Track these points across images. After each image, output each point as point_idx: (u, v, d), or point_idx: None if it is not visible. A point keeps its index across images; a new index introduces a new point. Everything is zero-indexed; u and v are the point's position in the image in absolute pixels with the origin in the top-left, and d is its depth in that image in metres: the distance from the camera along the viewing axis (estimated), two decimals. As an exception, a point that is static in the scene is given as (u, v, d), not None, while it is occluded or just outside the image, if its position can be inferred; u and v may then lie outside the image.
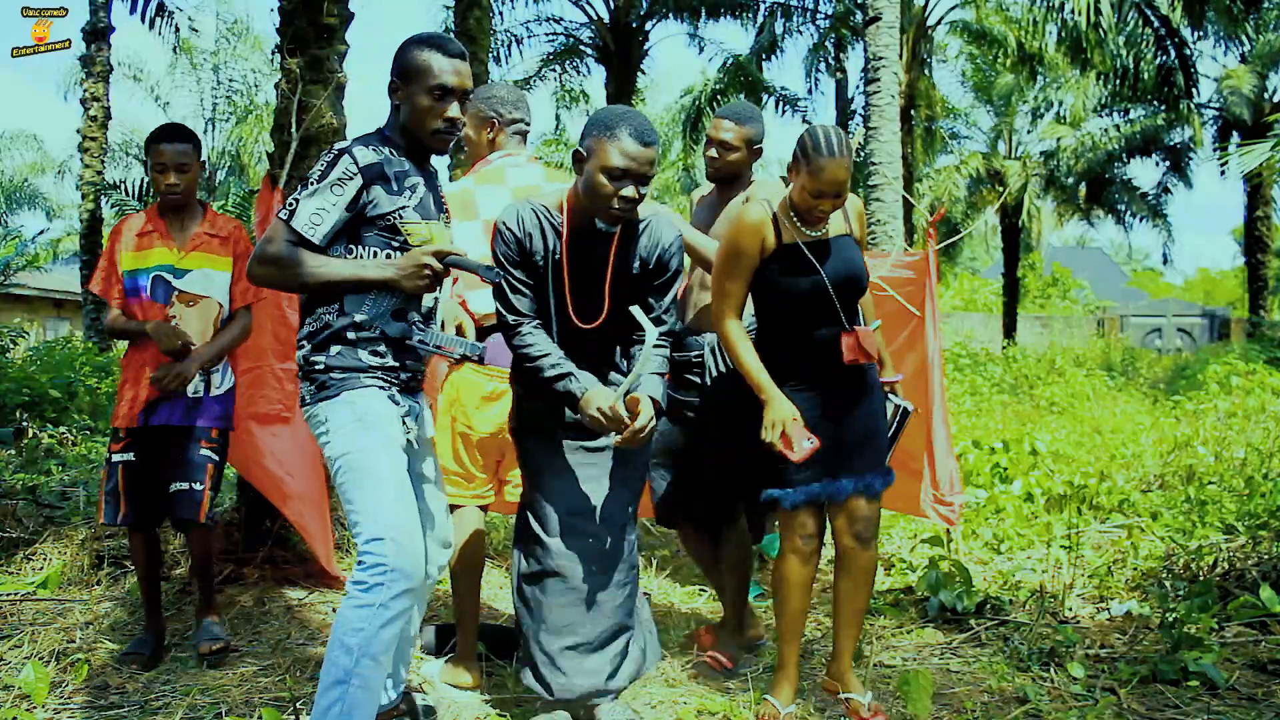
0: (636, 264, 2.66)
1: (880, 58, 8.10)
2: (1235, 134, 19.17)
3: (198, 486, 3.20)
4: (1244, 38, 17.06)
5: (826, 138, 2.63)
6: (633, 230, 2.66)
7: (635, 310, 2.55)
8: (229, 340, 3.30)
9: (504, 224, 2.59)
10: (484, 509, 3.10)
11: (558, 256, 2.62)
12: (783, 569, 2.79)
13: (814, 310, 2.75)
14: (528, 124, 3.24)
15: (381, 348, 2.34)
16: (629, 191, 2.49)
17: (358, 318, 2.32)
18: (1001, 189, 20.68)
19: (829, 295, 2.72)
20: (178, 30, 12.83)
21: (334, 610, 3.74)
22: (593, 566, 2.62)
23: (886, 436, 2.90)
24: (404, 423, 2.35)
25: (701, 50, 16.75)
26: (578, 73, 16.66)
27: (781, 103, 16.58)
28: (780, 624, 2.83)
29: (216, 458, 3.28)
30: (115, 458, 3.20)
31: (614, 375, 2.72)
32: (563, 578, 2.61)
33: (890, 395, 2.98)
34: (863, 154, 8.29)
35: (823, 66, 16.89)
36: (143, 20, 11.17)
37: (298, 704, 2.68)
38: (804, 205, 2.69)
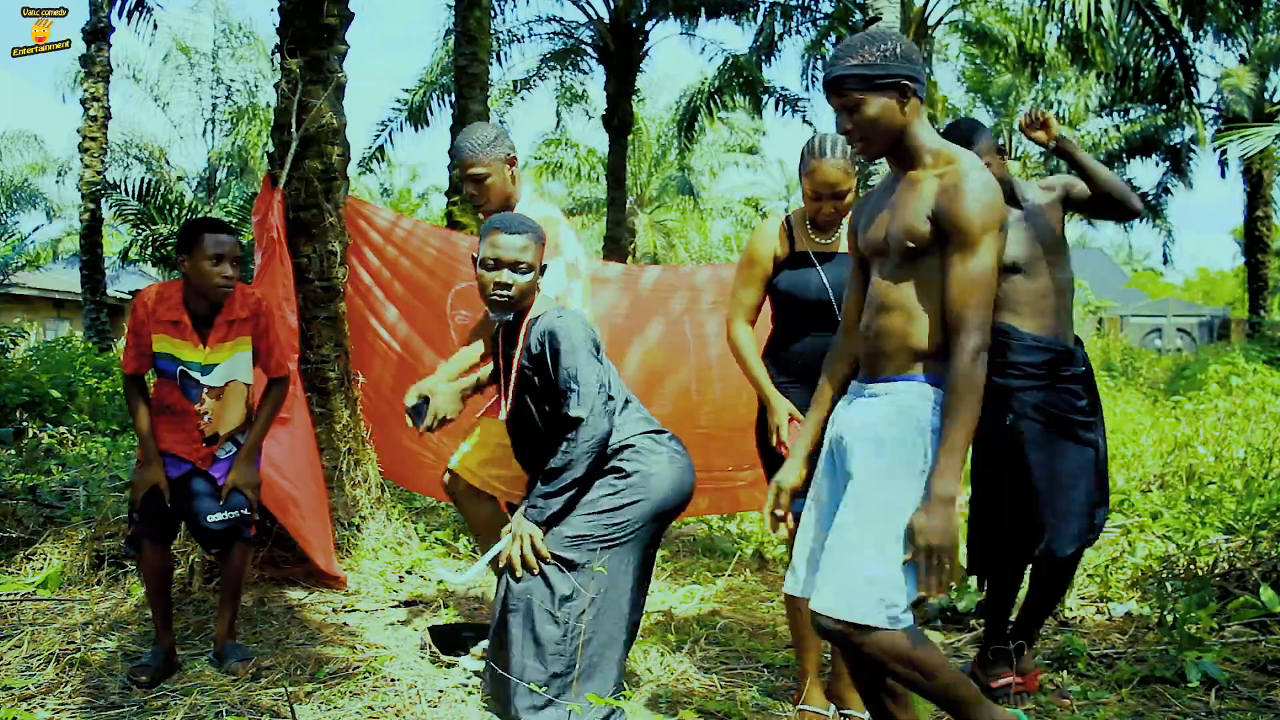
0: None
1: (880, 58, 8.09)
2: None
3: (245, 512, 3.10)
4: (1242, 38, 17.04)
5: (820, 142, 2.74)
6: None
7: None
8: (266, 420, 3.22)
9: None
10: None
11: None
12: None
13: (817, 316, 2.81)
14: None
15: None
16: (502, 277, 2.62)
17: None
18: (1001, 189, 20.63)
19: (831, 302, 2.78)
20: (156, 27, 12.77)
21: (334, 610, 3.74)
22: None
23: None
24: None
25: (703, 50, 16.70)
26: (578, 71, 16.65)
27: (781, 103, 16.57)
28: (803, 641, 2.79)
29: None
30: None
31: None
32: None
33: None
34: (863, 154, 8.28)
35: (819, 64, 16.86)
36: (120, 15, 11.04)
37: (294, 704, 2.68)
38: (810, 210, 2.83)
